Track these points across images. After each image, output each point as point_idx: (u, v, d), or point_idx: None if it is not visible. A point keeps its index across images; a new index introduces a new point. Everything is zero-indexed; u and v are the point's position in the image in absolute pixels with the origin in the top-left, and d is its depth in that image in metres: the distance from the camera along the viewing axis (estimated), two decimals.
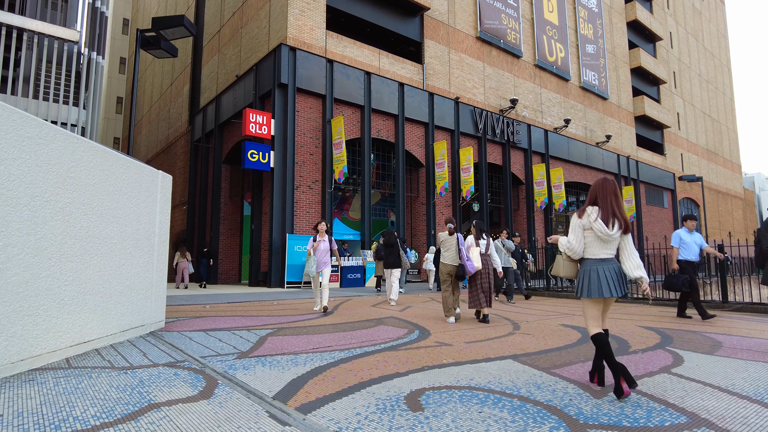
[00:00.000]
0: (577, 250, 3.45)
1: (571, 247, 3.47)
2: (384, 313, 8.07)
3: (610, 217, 3.36)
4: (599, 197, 3.46)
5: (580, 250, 3.46)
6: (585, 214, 3.45)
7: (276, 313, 7.86)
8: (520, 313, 8.46)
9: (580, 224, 3.47)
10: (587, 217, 3.43)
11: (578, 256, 3.48)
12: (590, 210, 3.44)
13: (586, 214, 3.44)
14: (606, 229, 3.33)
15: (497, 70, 24.53)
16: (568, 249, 3.49)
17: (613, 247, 3.44)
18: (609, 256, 3.41)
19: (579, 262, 3.55)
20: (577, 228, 3.47)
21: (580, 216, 3.47)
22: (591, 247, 3.44)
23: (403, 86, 19.27)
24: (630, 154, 33.67)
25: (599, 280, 3.34)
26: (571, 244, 3.46)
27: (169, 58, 30.69)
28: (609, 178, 3.55)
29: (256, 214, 17.04)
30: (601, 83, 32.11)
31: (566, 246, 3.50)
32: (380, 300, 10.65)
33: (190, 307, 8.71)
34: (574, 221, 3.49)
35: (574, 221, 3.49)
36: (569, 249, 3.48)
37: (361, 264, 16.45)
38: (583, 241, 3.45)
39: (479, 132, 22.17)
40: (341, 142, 16.01)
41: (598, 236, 3.37)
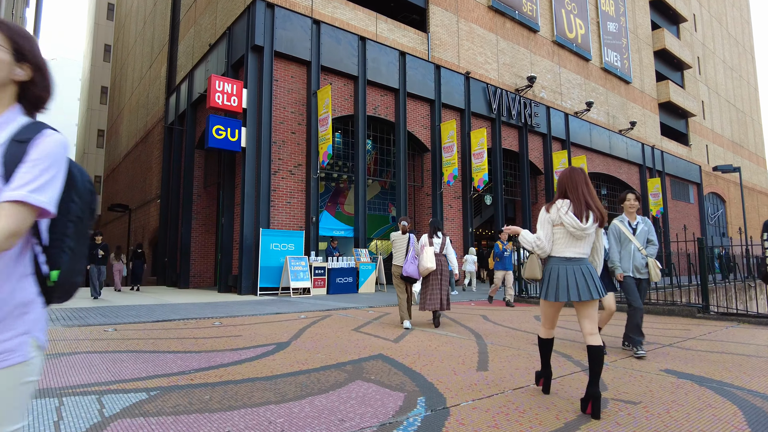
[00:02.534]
0: (546, 248, 3.15)
1: (540, 245, 3.15)
2: (369, 345, 5.19)
3: (584, 209, 3.05)
4: (569, 188, 3.15)
5: (549, 248, 3.15)
6: (554, 208, 3.13)
7: (205, 347, 5.00)
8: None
9: (548, 219, 3.15)
10: (556, 210, 3.10)
11: (546, 254, 3.16)
12: (560, 203, 3.13)
13: (555, 208, 3.12)
14: (578, 222, 3.02)
15: (512, 45, 21.60)
16: (537, 247, 3.16)
17: (585, 244, 3.11)
18: (577, 255, 3.08)
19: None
20: (545, 223, 3.16)
21: (549, 210, 3.16)
22: (558, 245, 3.12)
23: (405, 56, 16.38)
24: (655, 144, 30.65)
25: (558, 282, 3.06)
26: (541, 241, 3.14)
27: (149, 39, 28.02)
28: (576, 167, 3.23)
29: (226, 206, 14.20)
30: (623, 65, 29.11)
31: (534, 243, 3.16)
32: (369, 317, 7.76)
33: (78, 331, 5.87)
34: (543, 216, 3.17)
35: (543, 216, 3.17)
36: (538, 247, 3.16)
37: (353, 265, 13.58)
38: (552, 237, 3.14)
39: (493, 112, 19.24)
40: (327, 117, 13.13)
41: (570, 232, 3.07)
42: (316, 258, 13.20)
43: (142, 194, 25.08)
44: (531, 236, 3.22)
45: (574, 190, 3.12)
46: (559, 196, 3.22)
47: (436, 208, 16.73)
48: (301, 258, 12.60)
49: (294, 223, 13.51)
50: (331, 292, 12.94)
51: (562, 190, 3.20)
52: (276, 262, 12.52)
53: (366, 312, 8.33)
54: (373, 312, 8.34)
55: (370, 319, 7.29)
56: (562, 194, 3.20)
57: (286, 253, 12.62)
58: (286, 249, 12.71)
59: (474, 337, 5.77)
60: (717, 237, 36.02)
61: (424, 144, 17.03)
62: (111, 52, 40.15)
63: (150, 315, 7.61)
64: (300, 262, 12.50)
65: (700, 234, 32.96)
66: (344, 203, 18.53)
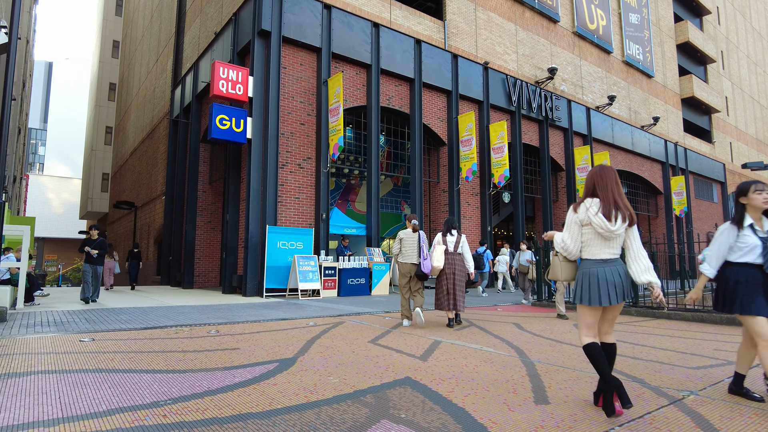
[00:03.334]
0: (572, 250, 3.04)
1: (565, 246, 3.04)
2: (391, 364, 4.29)
3: (612, 209, 2.91)
4: (598, 187, 3.01)
5: (576, 249, 3.04)
6: (582, 208, 3.00)
7: (193, 364, 4.14)
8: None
9: (576, 220, 3.02)
10: (585, 211, 2.97)
11: (574, 256, 3.07)
12: (588, 202, 2.99)
13: (584, 208, 2.99)
14: (607, 224, 2.89)
15: (531, 35, 20.58)
16: (563, 249, 3.06)
17: (616, 245, 2.98)
18: (612, 256, 2.97)
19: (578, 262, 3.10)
20: (572, 224, 3.03)
21: (576, 210, 3.03)
22: (590, 246, 2.99)
23: (421, 44, 15.45)
24: (678, 141, 29.40)
25: (599, 285, 2.91)
26: (566, 243, 3.04)
27: (156, 32, 27.36)
28: (607, 165, 3.09)
29: (231, 202, 13.38)
30: (645, 58, 27.92)
31: (560, 245, 3.06)
32: (387, 325, 6.87)
33: (48, 340, 5.04)
34: (570, 217, 3.06)
35: (570, 217, 3.06)
36: (564, 249, 3.05)
37: (366, 266, 12.69)
38: (579, 239, 3.02)
39: (513, 105, 18.25)
40: (339, 107, 12.25)
41: (599, 233, 2.94)
42: (326, 257, 12.33)
43: (147, 191, 24.42)
44: (559, 237, 3.11)
45: (603, 188, 2.98)
46: (587, 194, 3.07)
47: (453, 206, 15.78)
48: (310, 257, 11.73)
49: (303, 220, 12.66)
50: (342, 294, 12.07)
51: (591, 189, 3.06)
52: (283, 261, 11.67)
53: (382, 318, 7.43)
54: (390, 319, 7.43)
55: (388, 328, 6.39)
56: (590, 193, 3.05)
57: (294, 252, 11.77)
58: (294, 248, 11.86)
59: (515, 352, 4.85)
60: None
61: (440, 137, 16.09)
62: (119, 48, 39.65)
63: (140, 320, 6.78)
64: (309, 261, 11.64)
65: None
66: (355, 201, 17.68)
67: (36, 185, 57.91)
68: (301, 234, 12.11)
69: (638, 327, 6.97)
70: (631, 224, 2.95)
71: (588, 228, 2.98)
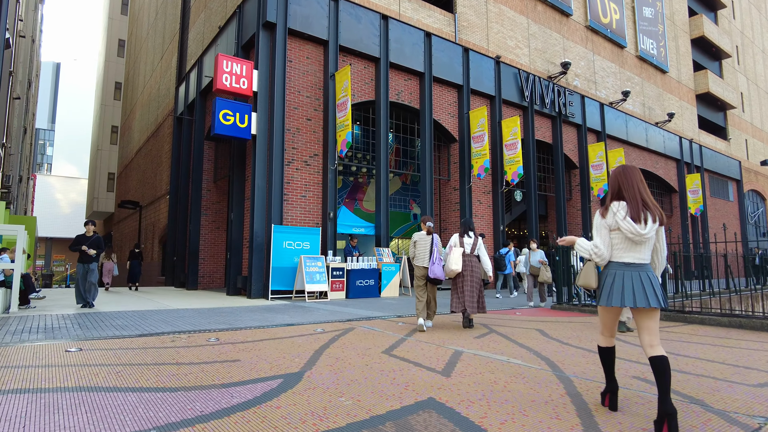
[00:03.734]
0: (605, 255, 2.93)
1: (599, 253, 2.93)
2: (410, 380, 3.81)
3: (641, 210, 2.81)
4: (624, 188, 2.92)
5: (609, 255, 2.93)
6: (609, 212, 2.91)
7: (186, 380, 3.69)
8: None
9: (604, 224, 2.93)
10: (612, 215, 2.89)
11: (606, 262, 2.95)
12: (616, 206, 2.90)
13: (611, 212, 2.90)
14: (636, 227, 2.79)
15: (543, 29, 20.01)
16: (596, 255, 2.94)
17: (645, 249, 2.86)
18: (638, 261, 2.85)
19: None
20: (602, 228, 2.94)
21: (604, 215, 2.94)
22: (617, 250, 2.91)
23: (431, 37, 14.95)
24: (692, 138, 28.67)
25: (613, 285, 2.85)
26: (599, 249, 2.93)
27: (160, 30, 27.04)
28: (631, 165, 2.99)
29: (235, 200, 12.95)
30: (659, 53, 27.23)
31: (593, 251, 2.95)
32: (401, 332, 6.39)
33: (29, 350, 4.60)
34: (598, 222, 2.97)
35: (598, 222, 2.97)
36: (596, 255, 2.94)
37: (375, 266, 12.21)
38: (610, 243, 2.92)
39: (525, 100, 17.69)
40: (346, 101, 11.78)
41: (628, 237, 2.83)
42: (333, 258, 11.87)
43: (152, 190, 24.09)
44: (588, 244, 2.99)
45: (629, 189, 2.91)
46: (613, 197, 2.98)
47: (465, 204, 15.26)
48: (317, 258, 11.28)
49: (309, 219, 12.21)
50: (350, 296, 11.60)
51: (616, 190, 2.97)
52: (289, 262, 11.23)
53: (395, 324, 6.94)
54: (403, 324, 6.94)
55: (402, 335, 5.90)
56: (616, 195, 2.97)
57: (301, 253, 11.32)
58: (301, 248, 11.41)
59: (545, 364, 4.35)
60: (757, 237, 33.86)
61: (451, 134, 15.58)
62: (125, 47, 39.43)
63: (137, 326, 6.34)
64: (316, 262, 11.18)
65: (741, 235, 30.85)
66: (363, 200, 17.21)
67: (44, 185, 58.00)
68: (308, 233, 11.66)
69: (672, 333, 6.44)
70: (661, 224, 2.86)
71: (616, 233, 2.89)
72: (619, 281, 2.85)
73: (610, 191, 3.02)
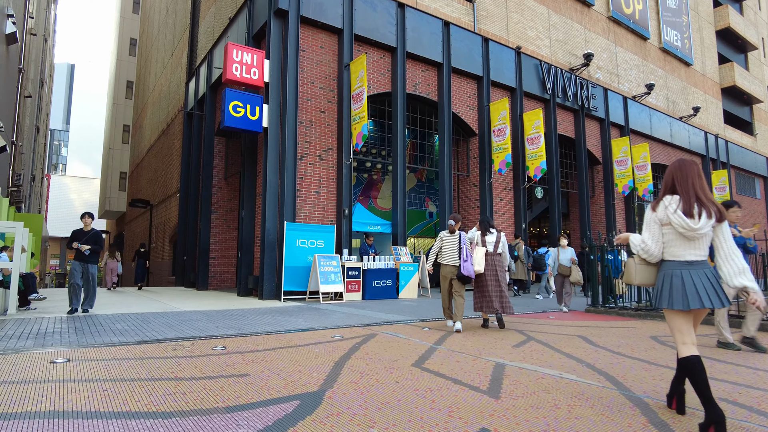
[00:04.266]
0: (653, 252, 2.80)
1: (646, 248, 2.82)
2: (453, 403, 3.19)
3: (695, 205, 2.68)
4: (678, 182, 2.80)
5: (658, 251, 2.80)
6: (661, 206, 2.80)
7: (183, 401, 3.11)
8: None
9: (655, 219, 2.81)
10: (664, 209, 2.78)
11: (656, 258, 2.83)
12: (668, 200, 2.79)
13: (662, 206, 2.79)
14: (688, 222, 2.65)
15: (564, 19, 19.22)
16: (643, 250, 2.84)
17: (702, 245, 2.71)
18: (698, 258, 2.71)
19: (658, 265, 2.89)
20: (651, 224, 2.83)
21: (655, 209, 2.83)
22: (672, 247, 2.76)
23: (449, 26, 14.28)
24: (718, 133, 27.61)
25: (684, 286, 2.68)
26: (646, 245, 2.82)
27: (171, 26, 26.69)
28: (688, 159, 2.87)
29: (246, 197, 12.40)
30: (684, 45, 26.23)
31: (640, 247, 2.86)
32: (428, 339, 5.76)
33: (13, 360, 4.04)
34: (648, 216, 2.85)
35: (648, 216, 2.85)
36: (644, 250, 2.83)
37: (393, 266, 11.59)
38: (661, 239, 2.79)
39: (547, 92, 16.94)
40: (362, 92, 11.18)
41: (680, 233, 2.71)
42: (349, 257, 11.27)
43: (163, 189, 23.72)
44: (637, 239, 2.90)
45: (683, 183, 2.78)
46: (666, 191, 2.87)
47: (485, 201, 14.57)
48: (332, 257, 10.68)
49: (323, 216, 11.62)
50: (366, 297, 10.98)
51: (670, 185, 2.86)
52: (303, 261, 10.65)
53: (420, 330, 6.30)
54: (429, 330, 6.30)
55: (430, 343, 5.26)
56: (670, 189, 2.85)
57: (315, 251, 10.74)
58: (315, 246, 10.83)
59: (606, 380, 3.69)
60: None
61: (470, 127, 14.89)
62: (136, 46, 39.27)
63: (137, 331, 5.79)
64: (331, 261, 10.59)
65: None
66: (377, 197, 16.59)
67: (58, 185, 58.33)
68: (322, 231, 11.08)
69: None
70: (719, 220, 2.67)
71: (669, 228, 2.76)
72: (689, 282, 2.67)
73: (664, 186, 2.88)
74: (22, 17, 17.70)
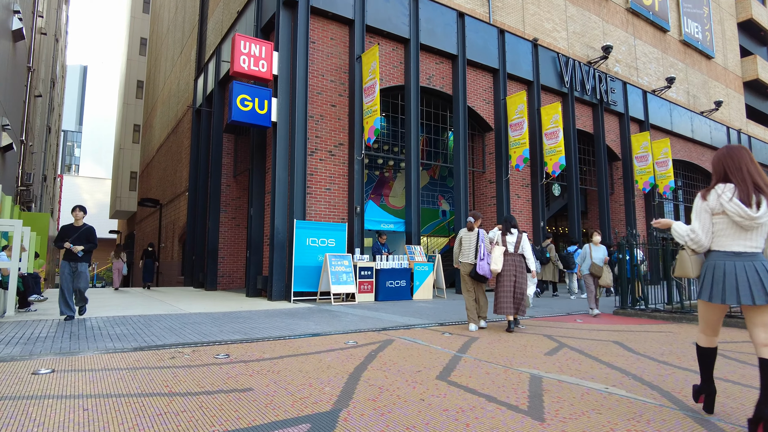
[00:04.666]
0: (704, 242, 2.65)
1: (695, 238, 2.65)
2: (496, 427, 2.71)
3: (753, 193, 2.50)
4: (730, 169, 2.61)
5: (708, 241, 2.65)
6: (713, 195, 2.62)
7: (175, 421, 2.67)
8: None
9: (706, 208, 2.64)
10: (716, 198, 2.59)
11: (704, 249, 2.68)
12: (721, 188, 2.60)
13: (715, 195, 2.61)
14: (746, 210, 2.48)
15: (582, 11, 18.60)
16: (692, 240, 2.67)
17: (757, 236, 2.54)
18: (750, 250, 2.54)
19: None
20: (702, 213, 2.65)
21: (705, 197, 2.65)
22: (721, 237, 2.60)
23: (464, 17, 13.77)
24: (741, 128, 26.73)
25: (724, 279, 2.53)
26: (696, 234, 2.65)
27: (180, 24, 26.47)
28: (737, 144, 2.70)
29: (255, 194, 12.01)
30: (704, 37, 25.41)
31: (689, 236, 2.68)
32: (451, 346, 5.29)
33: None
34: (698, 204, 2.68)
35: (698, 204, 2.68)
36: (693, 240, 2.67)
37: (407, 266, 11.12)
38: (711, 229, 2.64)
39: (565, 86, 16.35)
40: (375, 84, 10.72)
41: (735, 222, 2.54)
42: (361, 257, 10.82)
43: (172, 188, 23.49)
44: (684, 228, 2.71)
45: (737, 170, 2.58)
46: (717, 179, 2.68)
47: (502, 198, 14.03)
48: (343, 256, 10.24)
49: (334, 213, 11.19)
50: (380, 298, 10.53)
51: (721, 173, 2.66)
52: (313, 261, 10.22)
53: (440, 335, 5.83)
54: (450, 336, 5.82)
55: (454, 351, 4.79)
56: (721, 177, 2.66)
57: (326, 250, 10.31)
58: (326, 245, 10.40)
59: (660, 396, 3.20)
60: None
61: (486, 121, 14.37)
62: (147, 45, 39.22)
63: (136, 336, 5.39)
64: (342, 261, 10.15)
65: None
66: (389, 195, 16.16)
67: (71, 186, 58.68)
68: (333, 229, 10.65)
69: None
70: None
71: (720, 217, 2.61)
72: (731, 275, 2.52)
73: (715, 176, 2.69)
74: (31, 15, 17.51)
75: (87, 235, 6.84)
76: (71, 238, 6.72)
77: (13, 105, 14.37)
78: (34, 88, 19.66)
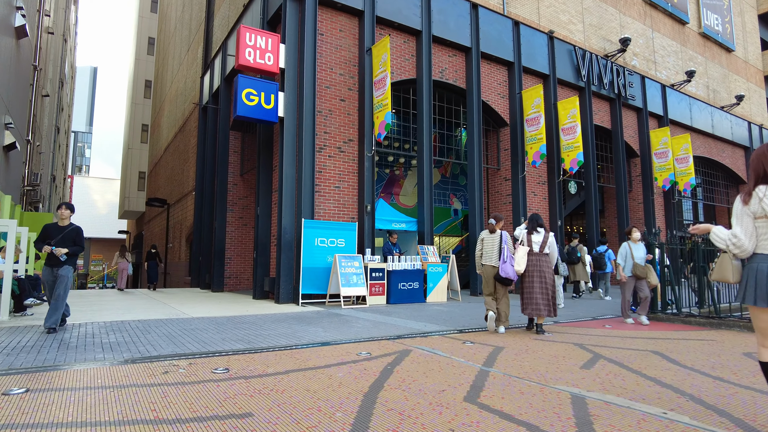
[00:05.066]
0: (747, 247, 2.50)
1: (738, 243, 2.51)
2: None
3: None
4: None
5: (751, 246, 2.49)
6: (754, 197, 2.47)
7: None
8: None
9: (747, 212, 2.49)
10: (758, 201, 2.44)
11: (747, 254, 2.52)
12: (762, 190, 2.44)
13: (756, 198, 2.46)
14: None
15: (598, 3, 17.99)
16: (735, 245, 2.53)
17: None
18: None
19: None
20: (744, 217, 2.51)
21: (747, 201, 2.50)
22: (765, 240, 2.46)
23: (477, 9, 13.26)
24: (762, 123, 25.90)
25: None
26: (739, 239, 2.50)
27: (187, 22, 26.20)
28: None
29: (262, 193, 11.60)
30: (725, 30, 24.62)
31: (731, 241, 2.53)
32: (474, 358, 4.81)
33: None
34: (738, 208, 2.55)
35: (738, 208, 2.55)
36: (736, 245, 2.52)
37: (420, 267, 10.64)
38: (755, 233, 2.49)
39: (582, 80, 15.76)
40: (385, 77, 10.25)
41: None
42: (372, 257, 10.36)
43: (180, 188, 23.21)
44: (725, 233, 2.57)
45: None
46: (757, 180, 2.51)
47: (518, 196, 13.50)
48: (353, 257, 9.79)
49: (344, 212, 10.74)
50: (392, 301, 10.06)
51: (761, 173, 2.49)
52: (322, 261, 9.78)
53: (461, 345, 5.34)
54: (471, 345, 5.33)
55: (479, 365, 4.30)
56: (762, 178, 2.49)
57: (335, 251, 9.86)
58: (335, 245, 9.96)
59: (736, 426, 2.70)
60: None
61: (501, 116, 13.84)
62: (155, 44, 39.08)
63: (130, 345, 4.97)
64: (352, 262, 9.70)
65: None
66: (399, 194, 15.70)
67: (81, 187, 58.90)
68: (343, 229, 10.20)
69: None
70: None
71: (764, 221, 2.44)
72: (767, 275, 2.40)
73: (754, 175, 2.54)
74: (36, 13, 17.26)
75: (73, 237, 5.95)
76: (55, 239, 5.84)
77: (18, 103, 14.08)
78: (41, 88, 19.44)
